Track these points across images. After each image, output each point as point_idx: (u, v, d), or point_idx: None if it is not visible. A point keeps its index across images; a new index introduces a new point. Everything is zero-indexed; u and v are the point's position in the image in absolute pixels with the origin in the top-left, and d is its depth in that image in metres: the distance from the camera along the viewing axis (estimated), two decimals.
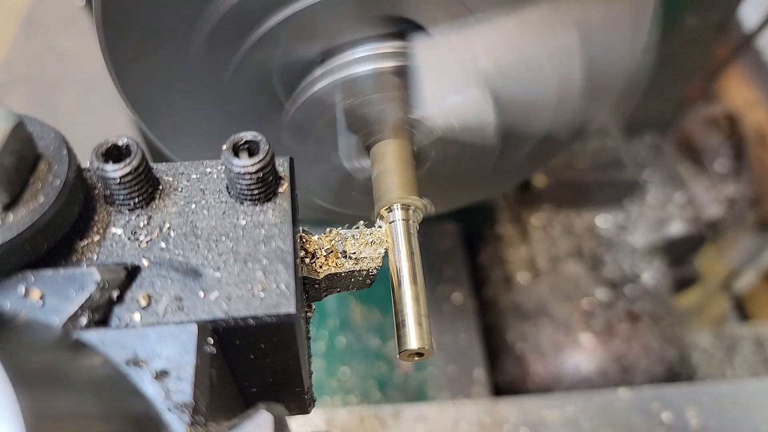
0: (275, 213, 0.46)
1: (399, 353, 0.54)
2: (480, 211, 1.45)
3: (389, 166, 0.67)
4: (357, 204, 0.80)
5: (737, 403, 1.07)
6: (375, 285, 1.31)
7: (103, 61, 0.67)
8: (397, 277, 0.57)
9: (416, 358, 0.54)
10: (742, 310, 2.02)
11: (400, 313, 0.55)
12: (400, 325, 0.54)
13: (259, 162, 0.44)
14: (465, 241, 1.49)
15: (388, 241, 0.58)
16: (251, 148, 0.46)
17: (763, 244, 1.92)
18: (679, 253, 1.55)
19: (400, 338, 0.54)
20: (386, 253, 0.57)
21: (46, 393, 0.28)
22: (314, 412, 1.02)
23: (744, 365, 1.74)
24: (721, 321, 1.96)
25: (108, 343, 0.38)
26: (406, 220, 0.61)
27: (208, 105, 0.71)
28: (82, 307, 0.40)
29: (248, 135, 0.45)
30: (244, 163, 0.44)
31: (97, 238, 0.44)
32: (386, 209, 0.62)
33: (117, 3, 0.60)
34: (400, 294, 0.56)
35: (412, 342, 0.53)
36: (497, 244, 1.46)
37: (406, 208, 0.62)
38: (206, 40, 0.63)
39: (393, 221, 0.61)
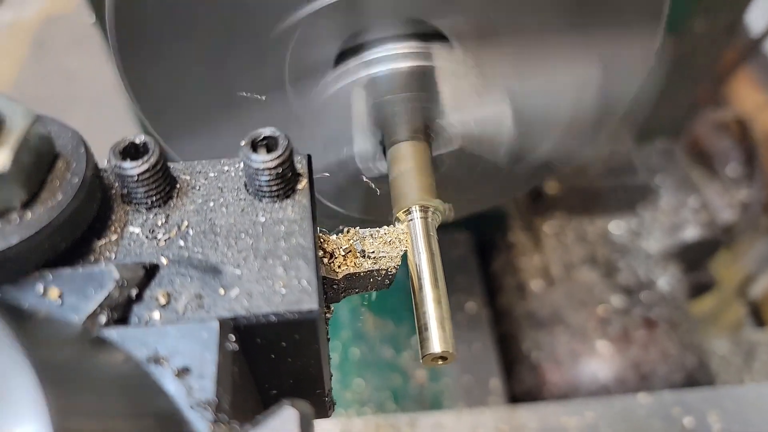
0: (294, 210, 0.46)
1: (422, 357, 0.53)
2: (492, 220, 1.44)
3: (409, 168, 0.66)
4: (358, 204, 0.79)
5: (760, 407, 1.04)
6: (388, 296, 1.31)
7: (111, 81, 0.67)
8: (418, 279, 0.56)
9: (440, 362, 0.53)
10: (758, 315, 1.99)
11: (422, 317, 0.54)
12: (422, 329, 0.53)
13: (278, 157, 0.44)
14: (477, 250, 1.47)
15: (407, 242, 0.58)
16: (269, 145, 0.45)
17: None
18: (694, 259, 1.53)
19: (423, 342, 0.52)
20: (405, 252, 0.56)
21: (70, 388, 0.28)
22: (329, 422, 1.01)
23: (763, 371, 1.71)
24: (737, 327, 1.93)
25: (128, 340, 0.37)
26: (425, 222, 0.60)
27: (218, 107, 0.71)
28: (101, 306, 0.39)
29: (267, 131, 0.45)
30: (264, 159, 0.44)
31: (114, 237, 0.44)
32: (405, 211, 0.62)
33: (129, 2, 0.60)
34: (421, 297, 0.55)
35: (435, 346, 0.52)
36: (510, 252, 1.44)
37: (425, 210, 0.61)
38: (226, 39, 0.63)
39: (412, 224, 0.60)
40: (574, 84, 0.70)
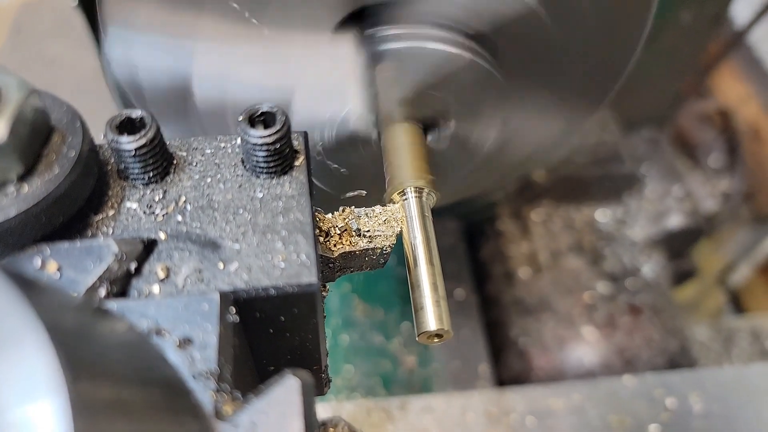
0: (292, 186, 0.46)
1: (418, 335, 0.53)
2: (480, 208, 1.45)
3: (399, 151, 0.66)
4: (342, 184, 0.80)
5: (740, 388, 1.07)
6: (377, 282, 1.31)
7: (92, 67, 0.66)
8: (414, 259, 0.56)
9: (435, 340, 0.54)
10: (738, 303, 2.03)
11: (417, 295, 0.54)
12: (417, 307, 0.53)
13: (276, 133, 0.44)
14: (466, 238, 1.48)
15: (402, 221, 0.58)
16: (267, 120, 0.45)
17: (758, 237, 1.94)
18: (678, 246, 1.55)
19: (419, 320, 0.53)
20: (400, 231, 0.56)
21: (80, 353, 0.28)
22: (320, 406, 1.01)
23: (741, 357, 1.74)
24: (717, 314, 1.96)
25: (128, 312, 0.37)
26: (420, 203, 0.61)
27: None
28: (100, 279, 0.39)
29: (264, 106, 0.45)
30: (261, 134, 0.44)
31: (111, 212, 0.44)
32: (400, 193, 0.62)
33: None
34: (416, 276, 0.55)
35: (431, 323, 0.52)
36: (498, 240, 1.45)
37: (420, 191, 0.61)
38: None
39: (407, 205, 0.60)
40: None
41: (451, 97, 0.70)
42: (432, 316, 0.52)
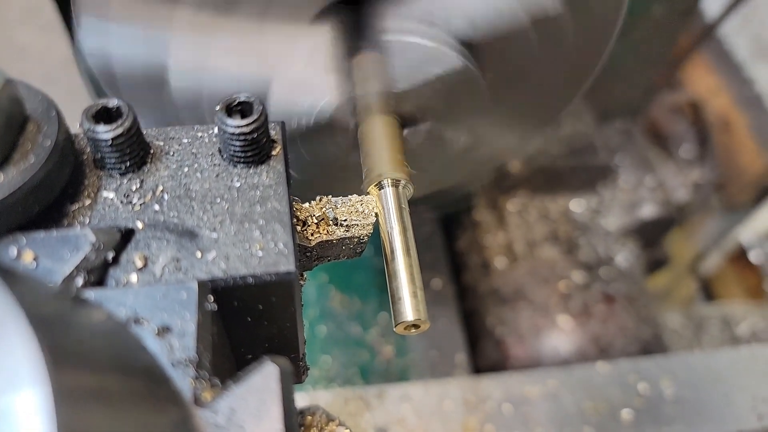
0: (269, 175, 0.46)
1: (395, 326, 0.54)
2: (456, 198, 1.46)
3: (377, 143, 0.67)
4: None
5: (709, 373, 1.10)
6: (354, 273, 1.31)
7: (64, 56, 0.66)
8: (391, 250, 0.57)
9: (412, 330, 0.54)
10: (709, 290, 2.08)
11: (394, 286, 0.55)
12: (395, 298, 0.54)
13: (253, 122, 0.44)
14: (443, 228, 1.49)
15: (379, 213, 0.59)
16: (244, 110, 0.45)
17: (728, 226, 1.98)
18: (651, 236, 1.58)
19: (396, 311, 0.53)
20: (377, 220, 0.57)
21: (61, 342, 0.28)
22: (297, 396, 1.02)
23: (712, 343, 1.79)
24: (688, 302, 2.01)
25: (106, 301, 0.37)
26: (397, 194, 0.61)
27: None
28: (77, 268, 0.39)
29: (242, 96, 0.45)
30: (238, 123, 0.44)
31: (88, 202, 0.44)
32: (376, 185, 0.62)
33: None
34: (393, 267, 0.56)
35: (408, 314, 0.53)
36: (474, 230, 1.47)
37: (396, 183, 0.62)
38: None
39: (384, 196, 0.61)
40: None
41: (435, 97, 0.71)
42: (409, 306, 0.53)
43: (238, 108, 0.45)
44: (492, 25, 0.67)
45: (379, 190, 0.62)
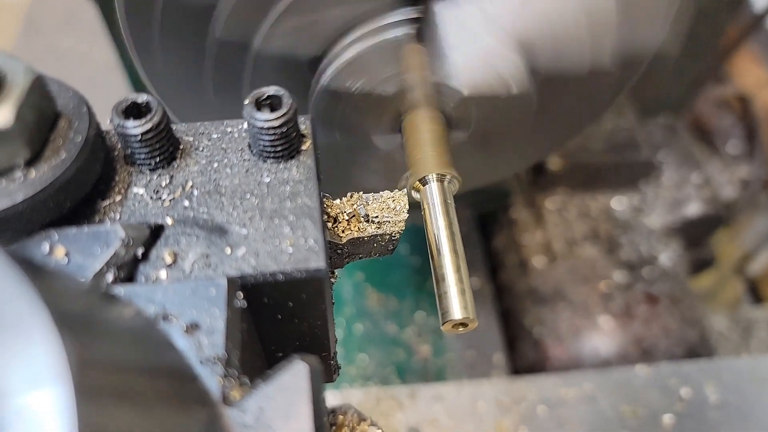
0: (299, 170, 0.45)
1: (442, 324, 0.52)
2: (494, 196, 1.44)
3: (421, 138, 0.65)
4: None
5: (756, 378, 1.05)
6: (390, 272, 1.30)
7: (104, 59, 0.66)
8: (437, 247, 0.56)
9: (460, 329, 0.53)
10: (756, 292, 2.00)
11: (441, 284, 0.53)
12: (442, 296, 0.52)
13: (282, 116, 0.43)
14: (479, 227, 1.47)
15: (424, 209, 0.57)
16: (273, 104, 0.45)
17: None
18: (696, 235, 1.53)
19: (443, 309, 0.52)
20: (409, 217, 0.55)
21: (87, 339, 0.27)
22: (329, 395, 1.01)
23: (760, 348, 1.72)
24: (735, 304, 1.93)
25: (136, 298, 0.37)
26: (443, 191, 0.60)
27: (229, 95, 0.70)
28: (107, 264, 0.39)
29: (270, 90, 0.44)
30: (267, 117, 0.43)
31: (119, 198, 0.44)
32: (421, 180, 0.61)
33: None
34: (440, 264, 0.54)
35: (456, 312, 0.51)
36: (512, 228, 1.44)
37: (441, 179, 0.61)
38: (223, 29, 0.62)
39: (429, 193, 0.60)
40: None
41: (490, 111, 0.70)
42: (457, 305, 0.51)
43: (267, 102, 0.44)
44: (566, 65, 0.68)
45: (424, 185, 0.61)
